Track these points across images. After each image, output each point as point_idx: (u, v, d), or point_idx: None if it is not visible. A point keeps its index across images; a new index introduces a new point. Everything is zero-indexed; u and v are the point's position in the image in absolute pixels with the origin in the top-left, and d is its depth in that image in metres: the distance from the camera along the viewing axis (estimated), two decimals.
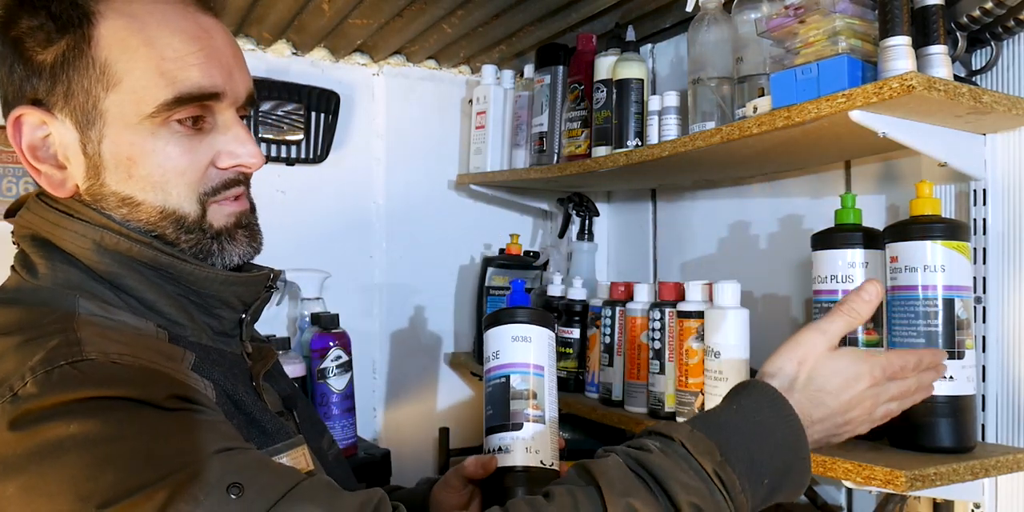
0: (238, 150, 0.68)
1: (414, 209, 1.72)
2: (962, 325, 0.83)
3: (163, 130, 0.64)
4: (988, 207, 0.91)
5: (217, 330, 0.71)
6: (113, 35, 0.63)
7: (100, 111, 0.63)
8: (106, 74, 0.62)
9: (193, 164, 0.66)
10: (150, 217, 0.66)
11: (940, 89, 0.76)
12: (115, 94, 0.63)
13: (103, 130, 0.64)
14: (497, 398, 0.80)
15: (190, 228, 0.67)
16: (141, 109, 0.63)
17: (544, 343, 0.82)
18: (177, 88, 0.63)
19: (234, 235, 0.70)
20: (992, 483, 0.89)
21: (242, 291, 0.70)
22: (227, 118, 0.67)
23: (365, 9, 1.37)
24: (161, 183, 0.65)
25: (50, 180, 0.66)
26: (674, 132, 1.17)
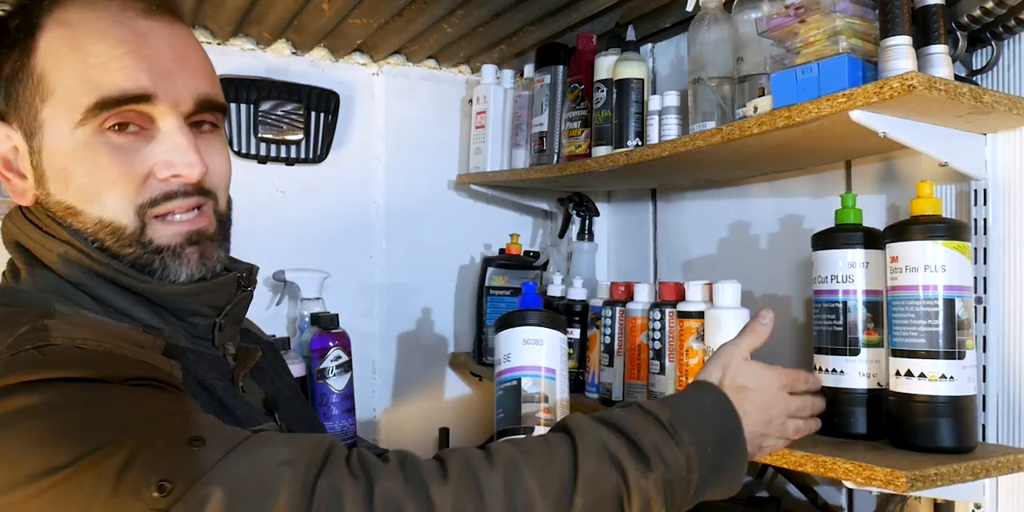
0: (175, 159, 0.64)
1: (414, 209, 1.72)
2: (963, 325, 0.83)
3: (96, 139, 0.63)
4: (989, 207, 0.91)
5: (194, 334, 0.71)
6: (49, 46, 0.63)
7: (40, 122, 0.64)
8: (41, 84, 0.63)
9: (126, 174, 0.64)
10: (90, 227, 0.65)
11: (941, 89, 0.76)
12: (50, 105, 0.63)
13: (42, 140, 0.64)
14: (508, 401, 0.80)
15: (128, 241, 0.65)
16: (71, 117, 0.62)
17: (556, 346, 0.82)
18: (99, 92, 0.62)
19: (180, 252, 0.67)
20: (993, 483, 0.89)
21: (209, 298, 0.70)
22: (169, 125, 0.65)
23: (365, 9, 1.37)
24: (95, 193, 0.64)
25: (13, 189, 0.67)
26: (674, 132, 1.17)
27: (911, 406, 0.83)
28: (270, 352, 0.89)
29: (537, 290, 1.52)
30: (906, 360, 0.84)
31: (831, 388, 0.91)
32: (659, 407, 0.70)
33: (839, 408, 0.91)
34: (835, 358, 0.92)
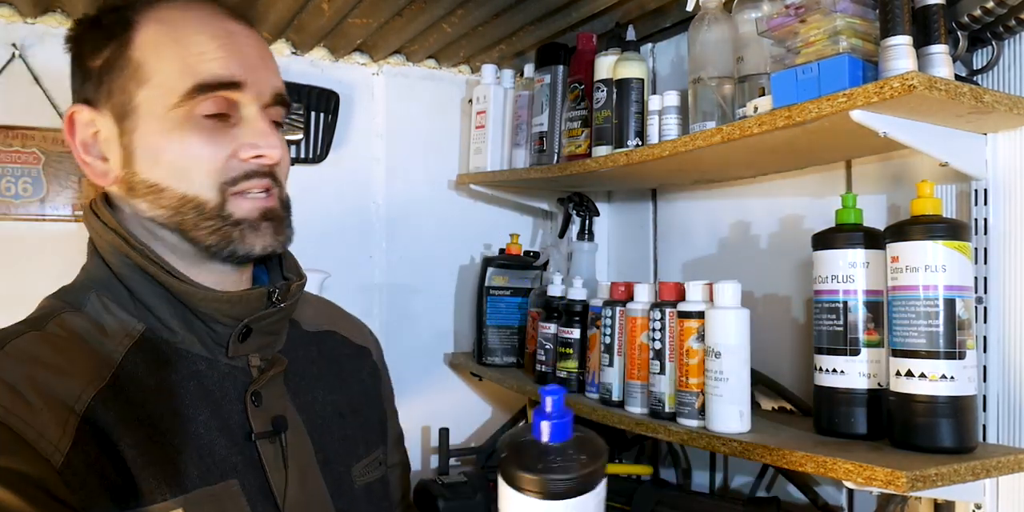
0: (258, 142, 0.71)
1: (414, 209, 1.72)
2: (963, 325, 0.83)
3: (188, 121, 0.69)
4: (989, 207, 0.91)
5: (216, 341, 0.73)
6: (148, 39, 0.69)
7: (134, 105, 0.69)
8: (139, 72, 0.69)
9: (214, 154, 0.70)
10: (172, 203, 0.70)
11: (941, 89, 0.76)
12: (146, 89, 0.69)
13: (136, 122, 0.69)
14: None
15: (210, 215, 0.70)
16: (167, 101, 0.68)
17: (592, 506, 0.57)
18: (197, 77, 0.68)
19: (258, 226, 0.72)
20: (993, 484, 0.89)
21: (228, 308, 0.71)
22: (251, 113, 0.71)
23: (365, 8, 1.37)
24: (183, 170, 0.69)
25: (93, 171, 0.72)
26: (674, 132, 1.17)
27: (911, 406, 0.83)
28: (353, 359, 0.88)
29: (537, 290, 1.52)
30: (906, 360, 0.84)
31: (832, 388, 0.91)
32: None
33: (839, 408, 0.91)
34: (835, 358, 0.92)
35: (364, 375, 0.89)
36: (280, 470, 0.71)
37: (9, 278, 1.36)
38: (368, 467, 0.81)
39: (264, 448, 0.70)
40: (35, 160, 1.43)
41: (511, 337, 1.58)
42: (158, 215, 0.70)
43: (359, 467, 0.80)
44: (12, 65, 1.41)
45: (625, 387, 1.15)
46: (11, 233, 1.41)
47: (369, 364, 0.91)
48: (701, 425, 1.00)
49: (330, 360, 0.85)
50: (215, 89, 0.69)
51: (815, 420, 0.96)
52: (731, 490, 1.31)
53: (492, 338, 1.57)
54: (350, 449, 0.80)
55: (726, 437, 0.94)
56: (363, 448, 0.82)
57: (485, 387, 1.78)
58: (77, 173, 1.45)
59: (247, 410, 0.71)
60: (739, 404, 0.96)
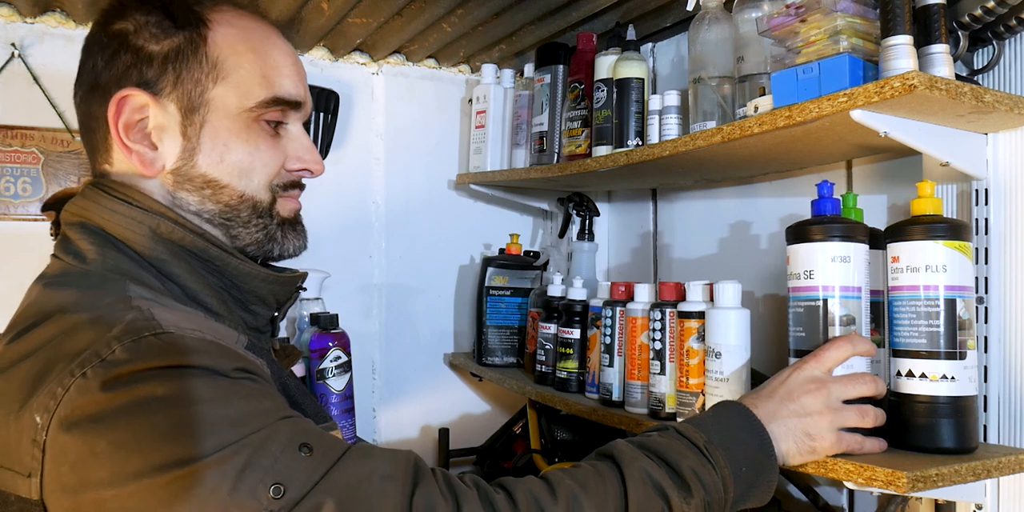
0: (306, 156, 0.78)
1: (414, 209, 1.72)
2: (964, 325, 0.83)
3: (255, 125, 0.74)
4: (990, 207, 0.91)
5: (251, 325, 0.76)
6: (225, 39, 0.73)
7: (206, 99, 0.72)
8: (216, 69, 0.72)
9: (274, 159, 0.75)
10: (230, 200, 0.74)
11: (942, 88, 0.76)
12: (221, 87, 0.72)
13: (206, 116, 0.72)
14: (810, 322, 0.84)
15: (262, 213, 0.75)
16: (243, 102, 0.72)
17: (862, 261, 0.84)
18: (275, 90, 0.74)
19: (296, 227, 0.80)
20: (994, 484, 0.89)
21: (277, 289, 0.77)
22: (297, 128, 0.78)
23: (364, 8, 1.37)
24: (248, 170, 0.74)
25: (142, 158, 0.72)
26: (675, 132, 1.17)
27: (912, 407, 0.83)
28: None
29: (537, 290, 1.52)
30: (907, 360, 0.84)
31: None
32: (694, 431, 0.74)
33: None
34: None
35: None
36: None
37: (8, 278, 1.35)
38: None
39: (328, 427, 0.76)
40: (34, 160, 1.43)
41: (511, 337, 1.58)
42: (208, 209, 0.73)
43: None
44: (11, 65, 1.41)
45: (625, 387, 1.15)
46: (10, 233, 1.41)
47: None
48: None
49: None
50: (285, 104, 0.75)
51: None
52: None
53: (492, 338, 1.57)
54: (321, 424, 0.85)
55: None
56: (329, 422, 0.86)
57: (485, 387, 1.78)
58: (76, 172, 1.45)
59: (303, 390, 0.77)
60: None
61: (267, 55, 0.74)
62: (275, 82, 0.74)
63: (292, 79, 0.76)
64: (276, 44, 0.76)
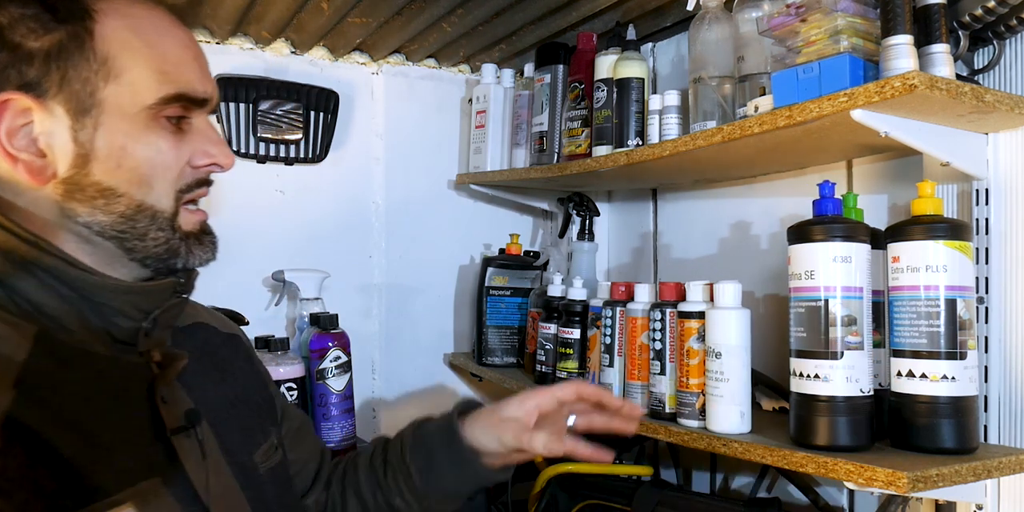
0: (212, 150, 0.72)
1: (413, 209, 1.72)
2: (964, 325, 0.83)
3: (154, 124, 0.68)
4: (990, 207, 0.91)
5: (117, 337, 0.69)
6: (115, 32, 0.66)
7: (97, 100, 0.65)
8: (106, 66, 0.65)
9: (176, 160, 0.69)
10: (126, 210, 0.67)
11: (942, 88, 0.75)
12: (114, 85, 0.65)
13: (99, 118, 0.65)
14: (811, 322, 0.84)
15: (162, 225, 0.69)
16: (140, 100, 0.66)
17: (864, 261, 0.85)
18: (178, 86, 0.68)
19: (201, 239, 0.73)
20: (995, 484, 0.89)
21: (138, 299, 0.68)
22: (202, 121, 0.72)
23: (364, 8, 1.37)
24: (148, 177, 0.68)
25: (29, 167, 0.65)
26: (675, 131, 1.17)
27: (913, 407, 0.83)
28: (227, 348, 0.87)
29: (537, 290, 1.52)
30: (907, 361, 0.84)
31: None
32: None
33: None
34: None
35: (241, 361, 0.88)
36: (200, 463, 0.69)
37: None
38: (267, 452, 0.82)
39: (180, 443, 0.68)
40: None
41: (511, 337, 1.58)
42: (100, 221, 0.66)
43: (260, 454, 0.80)
44: None
45: (625, 387, 1.15)
46: None
47: (243, 349, 0.90)
48: (702, 425, 1.00)
49: (204, 353, 0.82)
50: (190, 101, 0.69)
51: None
52: (732, 491, 1.30)
53: (492, 338, 1.57)
54: (248, 437, 0.80)
55: (727, 438, 0.94)
56: (260, 435, 0.82)
57: (485, 387, 1.78)
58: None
59: (157, 407, 0.68)
60: (740, 404, 0.96)
61: (164, 48, 0.68)
62: (176, 77, 0.68)
63: (196, 73, 0.70)
64: (174, 34, 0.70)
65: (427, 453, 0.90)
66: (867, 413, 0.85)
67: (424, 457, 0.90)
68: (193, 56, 0.71)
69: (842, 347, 0.84)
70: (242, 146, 1.52)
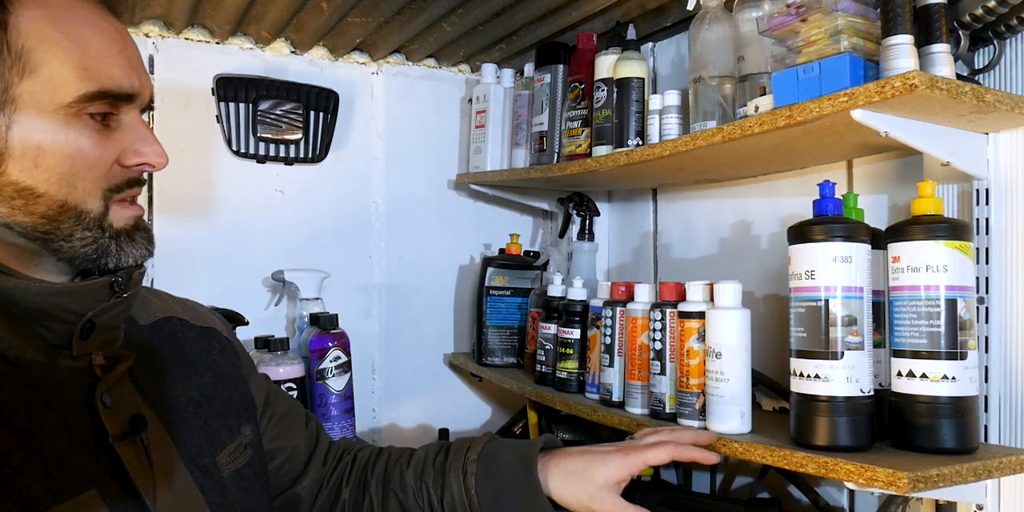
0: (144, 149, 0.68)
1: (413, 209, 1.72)
2: (965, 326, 0.83)
3: (75, 121, 0.64)
4: (991, 207, 0.91)
5: (52, 342, 0.66)
6: (32, 24, 0.62)
7: (11, 96, 0.62)
8: (22, 60, 0.62)
9: (101, 158, 0.66)
10: (48, 211, 0.64)
11: (943, 88, 0.75)
12: (30, 81, 0.62)
13: (13, 116, 0.62)
14: (811, 322, 0.83)
15: (89, 225, 0.66)
16: (58, 98, 0.63)
17: (864, 261, 0.85)
18: (100, 83, 0.64)
19: (133, 237, 0.69)
20: (995, 484, 0.89)
21: (69, 301, 0.65)
22: (132, 118, 0.69)
23: (364, 7, 1.37)
24: (69, 175, 0.64)
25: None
26: (675, 131, 1.16)
27: (913, 407, 0.83)
28: (199, 342, 0.84)
29: (537, 290, 1.52)
30: (908, 361, 0.84)
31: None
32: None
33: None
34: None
35: (215, 355, 0.85)
36: (146, 470, 0.67)
37: None
38: (234, 453, 0.79)
39: (124, 450, 0.66)
40: None
41: (511, 337, 1.58)
42: (22, 222, 0.64)
43: (224, 455, 0.77)
44: None
45: (625, 388, 1.14)
46: None
47: (219, 342, 0.87)
48: (702, 426, 1.00)
49: (173, 349, 0.80)
50: (115, 97, 0.66)
51: None
52: (732, 491, 1.30)
53: (492, 338, 1.57)
54: (212, 438, 0.77)
55: (727, 438, 0.94)
56: (226, 435, 0.79)
57: (485, 387, 1.78)
58: None
59: (99, 413, 0.65)
60: (740, 405, 0.96)
61: (87, 40, 0.64)
62: (98, 72, 0.64)
63: (121, 67, 0.66)
64: (98, 26, 0.66)
65: (497, 489, 0.86)
66: (867, 413, 0.85)
67: (493, 493, 0.86)
68: (119, 49, 0.66)
69: (842, 347, 0.84)
70: (242, 146, 1.52)
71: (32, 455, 0.60)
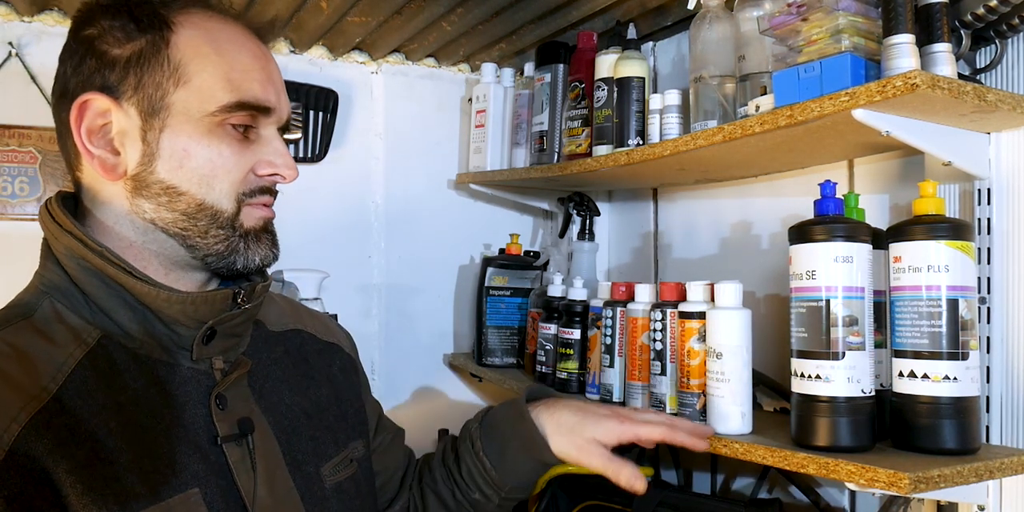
0: (277, 161, 0.74)
1: (413, 209, 1.72)
2: (966, 326, 0.82)
3: (219, 130, 0.71)
4: (992, 206, 0.91)
5: (179, 344, 0.72)
6: (188, 42, 0.70)
7: (166, 103, 0.69)
8: (178, 72, 0.69)
9: (238, 165, 0.72)
10: (188, 208, 0.71)
11: (944, 87, 0.75)
12: (183, 91, 0.69)
13: (166, 120, 0.69)
14: (812, 322, 0.83)
15: (223, 224, 0.72)
16: (204, 107, 0.70)
17: (865, 261, 0.84)
18: (240, 95, 0.71)
19: (260, 238, 0.75)
20: (997, 485, 0.88)
21: (192, 309, 0.70)
22: (270, 133, 0.75)
23: (364, 7, 1.37)
24: (208, 177, 0.71)
25: (103, 163, 0.70)
26: (675, 131, 1.16)
27: (914, 407, 0.83)
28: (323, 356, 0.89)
29: (537, 290, 1.51)
30: (909, 361, 0.84)
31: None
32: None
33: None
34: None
35: (335, 370, 0.90)
36: (248, 473, 0.71)
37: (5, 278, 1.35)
38: (339, 466, 0.82)
39: (231, 451, 0.70)
40: (32, 159, 1.42)
41: (511, 338, 1.57)
42: (165, 218, 0.71)
43: (328, 467, 0.80)
44: (9, 64, 1.40)
45: (626, 388, 1.14)
46: (7, 232, 1.40)
47: (340, 358, 0.93)
48: None
49: (297, 359, 0.85)
50: (253, 109, 0.72)
51: None
52: (732, 491, 1.30)
53: (492, 339, 1.57)
54: (319, 449, 0.80)
55: (727, 438, 0.94)
56: (333, 447, 0.82)
57: (485, 388, 1.77)
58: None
59: (211, 414, 0.70)
60: (741, 405, 0.96)
61: (233, 58, 0.72)
62: (240, 86, 0.71)
63: (261, 83, 0.73)
64: (244, 46, 0.73)
65: (500, 442, 0.91)
66: (868, 414, 0.85)
67: (498, 448, 0.91)
68: (261, 66, 0.73)
69: (843, 347, 0.84)
70: None
71: (145, 452, 0.65)
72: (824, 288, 0.85)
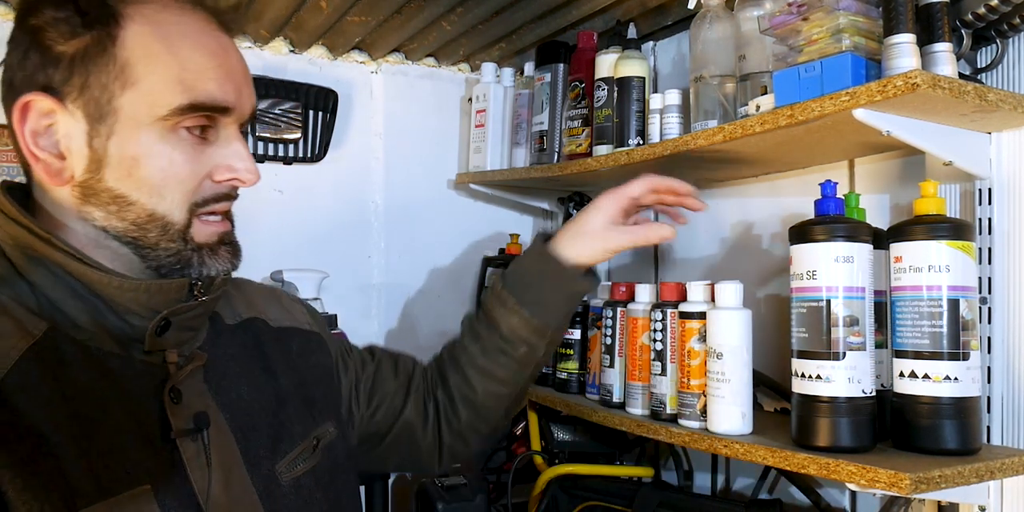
0: (236, 164, 0.70)
1: (413, 208, 1.71)
2: (967, 326, 0.82)
3: (171, 135, 0.66)
4: (993, 206, 0.90)
5: (131, 336, 0.68)
6: (137, 38, 0.65)
7: (114, 107, 0.65)
8: (125, 73, 0.65)
9: (193, 173, 0.68)
10: (138, 218, 0.67)
11: (945, 87, 0.75)
12: (131, 93, 0.65)
13: (113, 126, 0.65)
14: (813, 322, 0.83)
15: (173, 236, 0.68)
16: (154, 111, 0.65)
17: (866, 261, 0.85)
18: (193, 96, 0.66)
19: (216, 250, 0.71)
20: (998, 486, 0.88)
21: (146, 298, 0.67)
22: (230, 133, 0.70)
23: (363, 6, 1.36)
24: (159, 187, 0.67)
25: (48, 168, 0.67)
26: (676, 131, 1.16)
27: (915, 408, 0.83)
28: (279, 344, 0.84)
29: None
30: (910, 361, 0.83)
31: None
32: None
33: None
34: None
35: (294, 355, 0.85)
36: (203, 469, 0.67)
37: None
38: (299, 458, 0.78)
39: (185, 447, 0.67)
40: None
41: None
42: (115, 227, 0.67)
43: (286, 462, 0.77)
44: None
45: (626, 388, 1.14)
46: None
47: (300, 340, 0.88)
48: (703, 426, 0.99)
49: (254, 353, 0.81)
50: (208, 110, 0.67)
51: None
52: (733, 492, 1.30)
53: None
54: (278, 446, 0.77)
55: (728, 439, 0.94)
56: (294, 441, 0.78)
57: None
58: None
59: (165, 408, 0.67)
60: (741, 405, 0.96)
61: (187, 56, 0.66)
62: (194, 86, 0.66)
63: (217, 81, 0.67)
64: (199, 41, 0.67)
65: (521, 275, 0.94)
66: (869, 414, 0.85)
67: (519, 279, 0.94)
68: (218, 63, 0.68)
69: (844, 347, 0.84)
70: None
71: (93, 446, 0.62)
72: (825, 288, 0.85)
